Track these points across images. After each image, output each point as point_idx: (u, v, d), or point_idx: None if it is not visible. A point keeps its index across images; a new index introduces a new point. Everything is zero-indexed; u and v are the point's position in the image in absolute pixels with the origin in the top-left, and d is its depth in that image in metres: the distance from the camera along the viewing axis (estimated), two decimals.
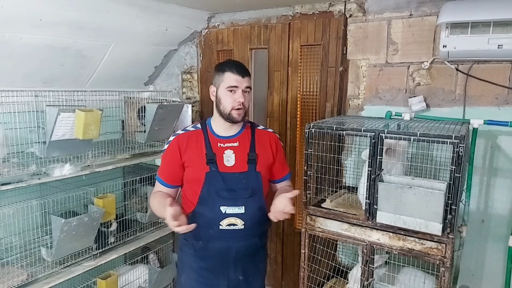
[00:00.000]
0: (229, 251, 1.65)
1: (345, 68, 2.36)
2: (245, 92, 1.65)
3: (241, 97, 1.62)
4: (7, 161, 1.92)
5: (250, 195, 1.63)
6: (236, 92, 1.62)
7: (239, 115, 1.64)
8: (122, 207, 2.74)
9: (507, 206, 1.98)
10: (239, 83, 1.62)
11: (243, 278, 1.70)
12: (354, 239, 1.72)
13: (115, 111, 2.49)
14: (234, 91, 1.62)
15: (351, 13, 2.30)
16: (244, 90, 1.64)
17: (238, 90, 1.62)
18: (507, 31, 1.76)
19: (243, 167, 1.67)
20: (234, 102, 1.62)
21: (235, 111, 1.63)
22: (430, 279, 1.81)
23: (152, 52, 2.78)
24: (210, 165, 1.63)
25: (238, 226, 1.62)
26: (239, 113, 1.64)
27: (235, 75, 1.62)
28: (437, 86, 2.10)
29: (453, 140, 1.44)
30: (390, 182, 1.61)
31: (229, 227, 1.62)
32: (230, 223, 1.62)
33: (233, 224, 1.62)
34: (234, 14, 2.73)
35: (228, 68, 1.64)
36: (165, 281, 2.67)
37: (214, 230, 1.63)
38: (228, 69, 1.64)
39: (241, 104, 1.62)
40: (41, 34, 2.03)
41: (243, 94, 1.63)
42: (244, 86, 1.63)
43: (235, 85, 1.62)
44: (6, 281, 1.89)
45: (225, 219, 1.61)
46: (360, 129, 1.64)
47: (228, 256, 1.66)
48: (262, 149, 1.73)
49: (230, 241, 1.64)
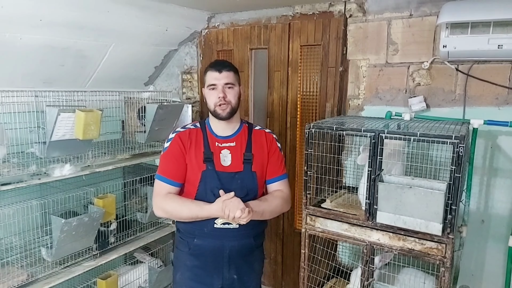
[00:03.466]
0: (223, 250, 1.66)
1: (345, 68, 2.36)
2: (228, 87, 1.65)
3: (220, 93, 1.64)
4: (7, 161, 1.92)
5: (245, 195, 1.63)
6: (216, 89, 1.65)
7: (223, 111, 1.65)
8: (122, 207, 2.74)
9: (507, 206, 1.98)
10: (217, 80, 1.65)
11: (238, 277, 1.70)
12: (354, 239, 1.72)
13: (115, 111, 2.48)
14: (214, 89, 1.66)
15: (351, 13, 2.30)
16: (224, 86, 1.65)
17: (218, 87, 1.65)
18: (507, 31, 1.76)
19: (238, 167, 1.68)
20: (216, 99, 1.65)
21: (218, 108, 1.65)
22: (430, 279, 1.81)
23: (152, 52, 2.78)
24: (207, 163, 1.64)
25: (233, 225, 1.64)
26: (223, 109, 1.65)
27: (213, 72, 1.66)
28: (437, 86, 2.10)
29: (453, 140, 1.44)
30: (390, 182, 1.61)
31: (224, 226, 1.64)
32: (224, 222, 1.63)
33: (227, 223, 1.63)
34: (234, 14, 2.73)
35: (209, 67, 1.69)
36: (165, 281, 2.67)
37: (208, 228, 1.64)
38: (209, 68, 1.69)
39: (222, 100, 1.64)
40: (41, 34, 2.03)
41: (223, 90, 1.64)
42: (223, 82, 1.64)
43: (213, 83, 1.65)
44: (6, 281, 1.89)
45: (220, 218, 1.62)
46: (360, 129, 1.64)
47: (222, 255, 1.67)
48: (258, 149, 1.73)
49: (224, 240, 1.65)
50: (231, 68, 1.68)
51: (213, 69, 1.66)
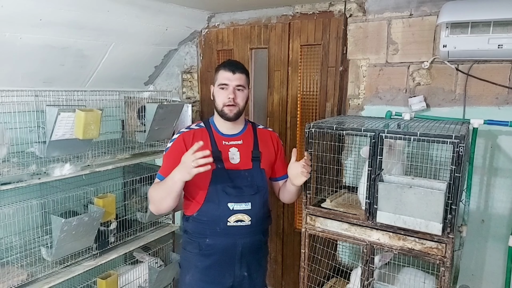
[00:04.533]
0: (236, 248, 1.68)
1: (345, 68, 2.36)
2: (238, 90, 1.66)
3: (231, 93, 1.64)
4: (7, 161, 1.92)
5: (255, 192, 1.67)
6: (227, 89, 1.65)
7: (231, 112, 1.66)
8: (122, 207, 2.74)
9: (507, 206, 1.98)
10: (229, 80, 1.65)
11: (247, 274, 1.73)
12: (354, 239, 1.72)
13: (115, 111, 2.49)
14: (225, 88, 1.66)
15: (351, 13, 2.30)
16: (235, 87, 1.65)
17: (229, 87, 1.65)
18: (507, 31, 1.76)
19: (247, 164, 1.70)
20: (225, 99, 1.65)
21: (227, 108, 1.66)
22: (430, 279, 1.81)
23: (152, 52, 2.78)
24: (217, 162, 1.64)
25: (245, 222, 1.66)
26: (231, 110, 1.66)
27: (226, 72, 1.66)
28: (437, 86, 2.10)
29: (453, 140, 1.44)
30: (390, 182, 1.61)
31: (237, 224, 1.65)
32: (237, 219, 1.65)
33: (240, 220, 1.65)
34: (234, 14, 2.73)
35: (222, 66, 1.69)
36: (165, 281, 2.67)
37: (221, 227, 1.65)
38: (221, 67, 1.69)
39: (231, 101, 1.64)
40: (41, 34, 2.03)
41: (234, 91, 1.65)
42: (235, 84, 1.65)
43: (225, 83, 1.66)
44: (6, 281, 1.89)
45: (233, 216, 1.64)
46: (360, 129, 1.64)
47: (234, 253, 1.68)
48: (265, 147, 1.77)
49: (236, 238, 1.67)
50: (244, 71, 1.70)
51: (226, 68, 1.66)
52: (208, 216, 1.65)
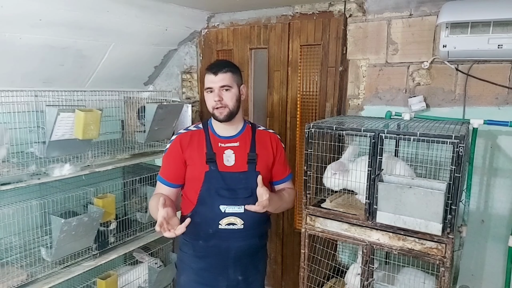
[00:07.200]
0: (229, 251, 1.65)
1: (345, 68, 2.36)
2: (225, 90, 1.64)
3: (216, 96, 1.63)
4: (7, 161, 1.92)
5: (249, 195, 1.63)
6: (213, 92, 1.64)
7: (221, 114, 1.65)
8: (122, 207, 2.74)
9: (507, 206, 1.98)
10: (213, 83, 1.63)
11: (243, 278, 1.70)
12: (354, 239, 1.72)
13: (115, 111, 2.48)
14: (211, 91, 1.65)
15: (351, 13, 2.29)
16: (220, 88, 1.63)
17: (214, 90, 1.64)
18: (507, 31, 1.76)
19: (243, 166, 1.67)
20: (213, 102, 1.64)
21: (216, 110, 1.65)
22: (430, 279, 1.81)
23: (151, 52, 2.78)
24: (210, 164, 1.64)
25: (238, 225, 1.62)
26: (221, 112, 1.65)
27: (210, 75, 1.64)
28: (437, 86, 2.09)
29: (453, 140, 1.44)
30: (390, 182, 1.61)
31: (229, 227, 1.62)
32: (229, 223, 1.62)
33: (232, 224, 1.62)
34: (234, 14, 2.72)
35: (206, 70, 1.67)
36: (165, 281, 2.67)
37: (213, 229, 1.63)
38: (206, 71, 1.67)
39: (219, 103, 1.63)
40: (41, 34, 2.03)
41: (219, 93, 1.63)
42: (219, 85, 1.62)
43: (209, 86, 1.64)
44: (6, 281, 1.89)
45: (225, 218, 1.61)
46: (360, 129, 1.64)
47: (227, 256, 1.66)
48: (262, 149, 1.73)
49: (230, 241, 1.64)
50: (229, 69, 1.64)
51: (209, 71, 1.65)
52: (201, 218, 1.63)
